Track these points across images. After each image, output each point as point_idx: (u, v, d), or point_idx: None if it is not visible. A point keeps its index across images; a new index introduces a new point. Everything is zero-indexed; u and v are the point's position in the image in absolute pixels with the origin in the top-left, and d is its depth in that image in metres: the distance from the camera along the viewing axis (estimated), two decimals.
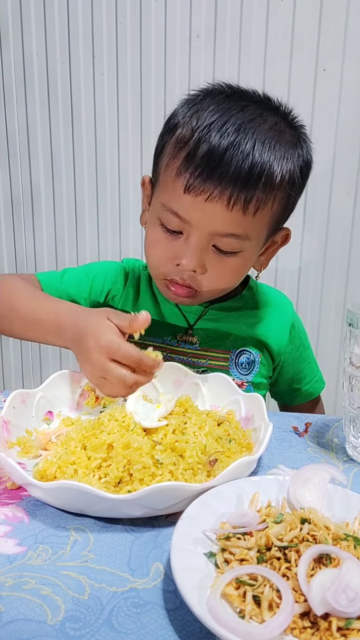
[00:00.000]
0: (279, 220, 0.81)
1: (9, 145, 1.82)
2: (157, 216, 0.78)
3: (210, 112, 0.74)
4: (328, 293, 1.66)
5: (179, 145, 0.74)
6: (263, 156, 0.73)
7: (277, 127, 0.76)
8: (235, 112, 0.74)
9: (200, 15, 1.54)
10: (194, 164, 0.72)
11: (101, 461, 0.55)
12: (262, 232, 0.79)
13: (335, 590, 0.40)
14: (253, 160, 0.72)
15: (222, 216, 0.73)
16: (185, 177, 0.73)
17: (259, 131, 0.74)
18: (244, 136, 0.72)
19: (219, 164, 0.71)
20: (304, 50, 1.49)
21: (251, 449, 0.62)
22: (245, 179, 0.71)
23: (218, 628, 0.38)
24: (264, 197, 0.74)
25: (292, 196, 0.79)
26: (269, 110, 0.78)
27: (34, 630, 0.40)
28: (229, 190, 0.71)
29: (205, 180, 0.71)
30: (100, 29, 1.62)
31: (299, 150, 0.78)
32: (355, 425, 0.65)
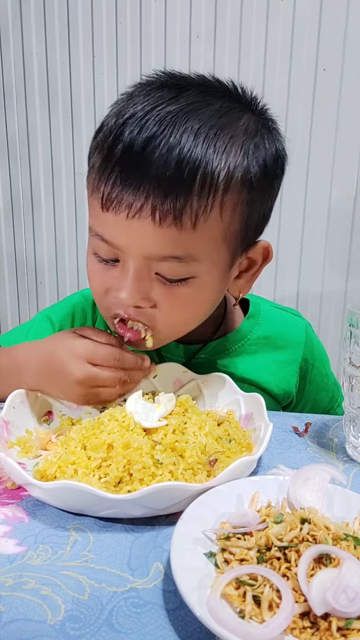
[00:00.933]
0: (241, 233, 0.63)
1: (9, 145, 1.82)
2: (90, 244, 0.64)
3: (134, 105, 0.58)
4: (328, 293, 1.66)
5: (95, 152, 0.60)
6: (195, 149, 0.55)
7: (225, 114, 0.59)
8: (167, 100, 0.58)
9: (200, 15, 1.54)
10: (107, 172, 0.57)
11: (101, 461, 0.55)
12: (214, 249, 0.61)
13: (335, 590, 0.40)
14: (181, 155, 0.55)
15: (151, 235, 0.57)
16: (100, 190, 0.57)
17: (194, 120, 0.56)
18: (170, 127, 0.55)
19: (137, 166, 0.55)
20: (304, 50, 1.50)
21: (251, 449, 0.62)
22: (171, 181, 0.55)
23: (218, 628, 0.38)
24: (202, 203, 0.57)
25: (252, 200, 0.61)
26: (217, 96, 0.61)
27: (34, 630, 0.40)
28: (151, 199, 0.55)
29: (122, 191, 0.56)
30: (100, 29, 1.63)
31: (257, 140, 0.61)
32: (355, 425, 0.65)
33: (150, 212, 0.56)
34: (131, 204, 0.56)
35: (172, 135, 0.55)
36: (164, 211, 0.55)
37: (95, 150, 0.61)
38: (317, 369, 0.85)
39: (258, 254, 0.68)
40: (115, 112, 0.60)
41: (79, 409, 0.73)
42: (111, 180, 0.56)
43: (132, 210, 0.56)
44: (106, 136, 0.58)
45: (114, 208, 0.57)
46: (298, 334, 0.83)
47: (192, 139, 0.55)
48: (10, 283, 1.96)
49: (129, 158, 0.55)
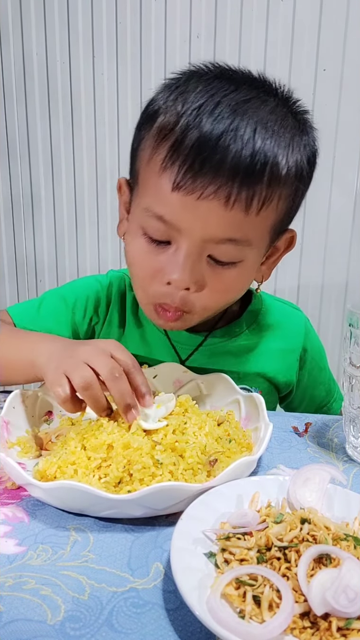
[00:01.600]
0: (283, 222, 0.68)
1: (9, 145, 1.82)
2: (140, 225, 0.66)
3: (198, 93, 0.62)
4: (328, 293, 1.66)
5: (161, 135, 0.62)
6: (267, 143, 0.60)
7: (278, 111, 0.64)
8: (228, 92, 0.62)
9: (200, 15, 1.54)
10: (182, 155, 0.59)
11: (101, 461, 0.55)
12: (264, 236, 0.66)
13: (335, 590, 0.40)
14: (255, 148, 0.60)
15: (219, 217, 0.61)
16: (172, 172, 0.60)
17: (259, 114, 0.61)
18: (241, 119, 0.60)
19: (213, 154, 0.59)
20: (304, 50, 1.50)
21: (251, 449, 0.62)
22: (246, 171, 0.59)
23: (218, 628, 0.38)
24: (269, 193, 0.62)
25: (299, 192, 0.68)
26: (266, 91, 0.65)
27: (34, 630, 0.40)
28: (228, 185, 0.59)
29: (197, 174, 0.59)
30: (100, 29, 1.63)
31: (304, 137, 0.67)
32: (355, 425, 0.65)
33: (225, 196, 0.60)
34: (205, 188, 0.59)
35: (245, 128, 0.60)
36: (236, 196, 0.60)
37: (157, 132, 0.63)
38: (315, 361, 0.87)
39: (282, 242, 0.73)
40: (175, 97, 0.63)
41: None
42: (186, 164, 0.59)
43: (206, 193, 0.59)
44: (174, 121, 0.61)
45: (187, 189, 0.60)
46: (298, 324, 0.86)
47: (262, 132, 0.60)
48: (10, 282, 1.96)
49: (206, 145, 0.59)
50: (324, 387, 0.90)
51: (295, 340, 0.84)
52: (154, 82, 1.60)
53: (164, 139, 0.62)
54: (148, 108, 0.67)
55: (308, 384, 0.87)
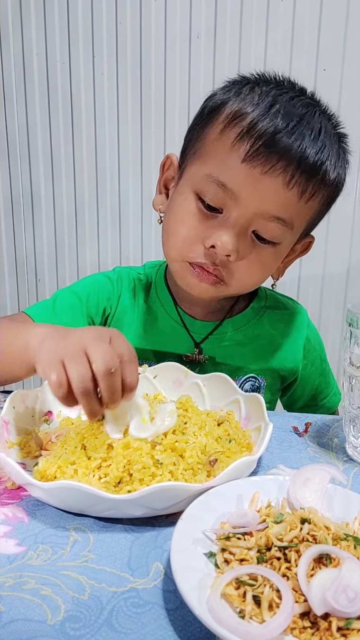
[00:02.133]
0: (314, 222, 0.77)
1: (9, 145, 1.82)
2: (195, 189, 0.71)
3: (269, 89, 0.70)
4: (328, 293, 1.66)
5: (236, 117, 0.69)
6: (326, 148, 0.69)
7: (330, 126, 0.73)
8: (297, 94, 0.71)
9: (200, 16, 1.54)
10: (257, 134, 0.66)
11: (101, 461, 0.55)
12: (302, 226, 0.74)
13: (335, 590, 0.40)
14: (318, 147, 0.68)
15: (277, 194, 0.68)
16: (248, 145, 0.67)
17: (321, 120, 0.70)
18: (310, 120, 0.69)
19: (284, 139, 0.66)
20: (304, 50, 1.50)
21: (251, 449, 0.62)
22: (309, 163, 0.67)
23: (218, 628, 0.38)
24: (319, 188, 0.70)
25: (333, 200, 0.76)
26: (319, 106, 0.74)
27: (34, 630, 0.40)
28: (292, 168, 0.67)
29: (268, 152, 0.66)
30: (100, 29, 1.63)
31: (345, 157, 0.76)
32: (355, 425, 0.65)
33: (288, 176, 0.67)
34: (273, 164, 0.66)
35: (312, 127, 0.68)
36: (297, 179, 0.68)
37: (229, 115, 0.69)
38: (317, 352, 0.92)
39: (300, 245, 0.81)
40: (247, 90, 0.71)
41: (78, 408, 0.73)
42: (261, 141, 0.66)
43: (272, 170, 0.67)
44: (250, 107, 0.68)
45: (255, 163, 0.67)
46: (301, 315, 0.91)
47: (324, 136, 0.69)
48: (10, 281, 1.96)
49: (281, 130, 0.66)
50: (325, 378, 0.93)
51: (299, 330, 0.88)
52: (154, 82, 1.61)
53: (239, 119, 0.68)
54: (212, 99, 0.74)
55: (310, 373, 0.90)
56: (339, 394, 0.95)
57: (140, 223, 1.74)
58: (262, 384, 0.85)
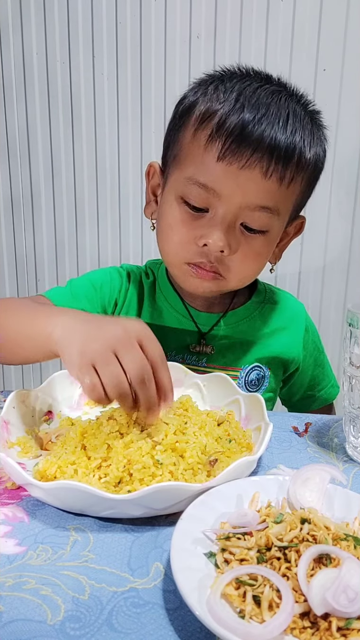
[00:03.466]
0: (301, 204, 0.79)
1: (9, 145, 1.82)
2: (179, 194, 0.73)
3: (235, 84, 0.72)
4: (328, 293, 1.66)
5: (205, 117, 0.71)
6: (297, 131, 0.71)
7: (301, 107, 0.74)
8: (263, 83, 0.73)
9: (200, 16, 1.54)
10: (227, 132, 0.68)
11: (101, 461, 0.55)
12: (288, 210, 0.76)
13: (335, 590, 0.40)
14: (288, 133, 0.70)
15: (257, 185, 0.70)
16: (219, 144, 0.69)
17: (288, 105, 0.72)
18: (276, 107, 0.70)
19: (254, 132, 0.68)
20: (304, 50, 1.50)
21: (251, 449, 0.62)
22: (282, 150, 0.69)
23: (218, 628, 0.38)
24: (298, 171, 0.72)
25: (315, 180, 0.78)
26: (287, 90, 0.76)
27: (34, 630, 0.40)
28: (265, 159, 0.69)
29: (240, 148, 0.68)
30: (100, 29, 1.62)
31: (319, 134, 0.76)
32: (355, 425, 0.65)
33: (264, 167, 0.69)
34: (247, 158, 0.68)
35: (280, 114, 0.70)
36: (274, 168, 0.69)
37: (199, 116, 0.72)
38: (315, 343, 0.94)
39: (293, 227, 0.82)
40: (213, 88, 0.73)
41: (78, 408, 0.73)
42: (232, 138, 0.68)
43: (249, 163, 0.68)
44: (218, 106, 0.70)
45: (230, 160, 0.68)
46: (300, 308, 0.94)
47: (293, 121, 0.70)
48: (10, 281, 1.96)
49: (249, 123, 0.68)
50: (321, 369, 0.96)
51: (298, 321, 0.91)
52: (154, 82, 1.61)
53: (208, 119, 0.70)
54: (184, 101, 0.76)
55: (308, 364, 0.93)
56: (337, 387, 0.97)
57: (140, 223, 1.74)
58: (266, 374, 0.88)
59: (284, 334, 0.89)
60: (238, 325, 0.88)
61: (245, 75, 0.75)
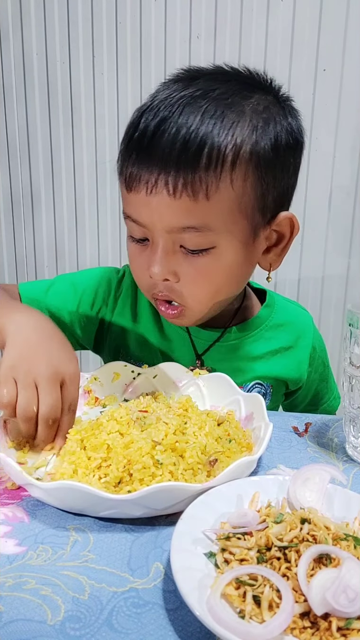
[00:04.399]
0: (257, 204, 0.66)
1: (9, 145, 1.82)
2: (127, 231, 0.71)
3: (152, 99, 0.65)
4: (328, 293, 1.66)
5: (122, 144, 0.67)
6: (201, 127, 0.60)
7: (233, 94, 0.64)
8: (179, 90, 0.63)
9: (200, 16, 1.54)
10: (127, 156, 0.64)
11: (101, 461, 0.55)
12: (230, 219, 0.65)
13: (335, 590, 0.40)
14: (187, 133, 0.60)
15: (169, 207, 0.62)
16: (123, 173, 0.65)
17: (201, 102, 0.62)
18: (178, 111, 0.61)
19: (149, 147, 0.61)
20: (304, 50, 1.50)
21: (251, 449, 0.62)
22: (179, 157, 0.60)
23: (218, 628, 0.38)
24: (212, 175, 0.61)
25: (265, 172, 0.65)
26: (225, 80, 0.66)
27: (34, 630, 0.40)
28: (164, 174, 0.61)
29: (140, 171, 0.62)
30: (100, 29, 1.63)
31: (265, 115, 0.64)
32: (355, 425, 0.65)
33: (164, 186, 0.61)
34: (147, 181, 0.62)
35: (180, 117, 0.61)
36: (177, 184, 0.61)
37: (122, 143, 0.67)
38: (322, 359, 0.90)
39: (284, 227, 0.72)
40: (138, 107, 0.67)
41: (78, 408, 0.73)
42: (130, 163, 0.63)
43: (149, 186, 0.62)
44: (128, 127, 0.65)
45: (135, 187, 0.64)
46: (308, 323, 0.89)
47: (198, 118, 0.61)
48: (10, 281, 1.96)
49: (144, 141, 0.62)
50: (326, 384, 0.93)
51: (306, 338, 0.87)
52: (154, 82, 1.61)
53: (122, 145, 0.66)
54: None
55: (313, 380, 0.90)
56: (339, 398, 0.95)
57: None
58: (268, 391, 0.84)
59: (289, 355, 0.85)
60: (240, 342, 0.82)
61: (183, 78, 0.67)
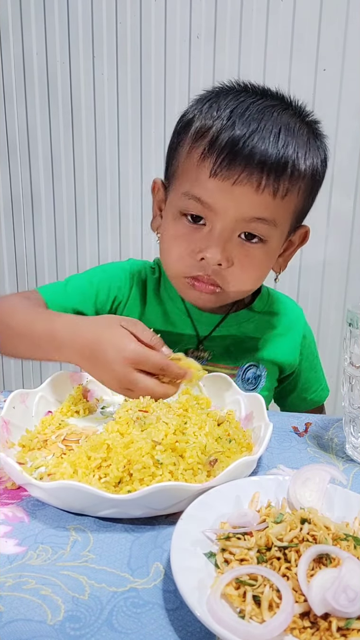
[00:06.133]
0: (301, 214, 0.80)
1: (9, 145, 1.82)
2: (178, 209, 0.76)
3: (229, 101, 0.74)
4: (328, 293, 1.66)
5: (199, 134, 0.73)
6: (289, 144, 0.72)
7: (295, 119, 0.76)
8: (254, 100, 0.74)
9: (200, 16, 1.54)
10: (219, 149, 0.70)
11: (101, 461, 0.55)
12: (287, 221, 0.77)
13: (335, 590, 0.40)
14: (280, 146, 0.71)
15: (251, 199, 0.71)
16: (211, 161, 0.71)
17: (282, 118, 0.73)
18: (267, 121, 0.72)
19: (245, 148, 0.70)
20: (304, 50, 1.50)
21: (251, 449, 0.62)
22: (273, 164, 0.70)
23: (218, 628, 0.38)
24: (292, 184, 0.73)
25: (314, 190, 0.79)
26: (284, 102, 0.78)
27: (34, 630, 0.40)
28: (257, 174, 0.70)
29: (232, 164, 0.70)
30: (100, 29, 1.63)
31: (318, 143, 0.78)
32: (355, 425, 0.65)
33: (256, 182, 0.70)
34: (239, 175, 0.70)
35: (271, 128, 0.71)
36: (266, 182, 0.71)
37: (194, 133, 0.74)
38: (311, 348, 0.97)
39: (297, 237, 0.84)
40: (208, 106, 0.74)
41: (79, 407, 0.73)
42: (223, 155, 0.70)
43: (240, 179, 0.70)
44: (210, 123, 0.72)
45: (223, 176, 0.71)
46: (298, 312, 0.97)
47: (285, 134, 0.72)
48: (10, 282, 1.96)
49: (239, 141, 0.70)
50: (315, 373, 0.99)
51: (297, 326, 0.94)
52: (154, 82, 1.61)
53: (202, 137, 0.72)
54: (183, 118, 0.78)
55: (303, 368, 0.96)
56: (327, 390, 1.01)
57: (140, 223, 1.74)
58: (263, 373, 0.89)
59: (282, 340, 0.91)
60: (238, 327, 0.89)
61: (242, 90, 0.77)
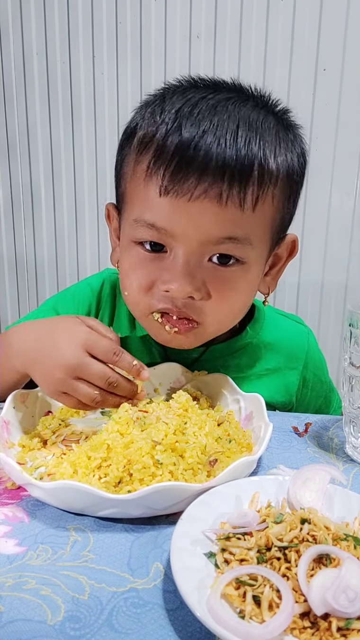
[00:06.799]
0: (281, 223, 0.66)
1: (9, 145, 1.82)
2: (131, 239, 0.64)
3: (174, 101, 0.61)
4: (328, 293, 1.66)
5: (143, 145, 0.61)
6: (252, 140, 0.58)
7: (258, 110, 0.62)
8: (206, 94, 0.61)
9: (200, 15, 1.54)
10: (166, 160, 0.58)
11: (101, 461, 0.55)
12: (264, 235, 0.63)
13: (335, 590, 0.40)
14: (240, 145, 0.58)
15: (214, 216, 0.58)
16: (158, 177, 0.58)
17: (241, 112, 0.60)
18: (222, 117, 0.58)
19: (197, 154, 0.57)
20: (304, 50, 1.50)
21: (251, 449, 0.62)
22: (234, 168, 0.57)
23: (218, 628, 0.38)
24: (262, 189, 0.60)
25: (294, 191, 0.66)
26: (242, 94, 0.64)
27: (34, 630, 0.40)
28: (216, 183, 0.57)
29: (184, 176, 0.57)
30: (100, 29, 1.63)
31: (291, 137, 0.65)
32: (355, 425, 0.65)
33: (216, 194, 0.57)
34: (195, 188, 0.57)
35: (227, 125, 0.58)
36: (229, 193, 0.58)
37: (137, 145, 0.62)
38: (317, 376, 0.85)
39: (284, 249, 0.71)
40: (152, 111, 0.62)
41: None
42: (172, 168, 0.57)
43: (197, 193, 0.57)
44: (153, 130, 0.60)
45: (175, 192, 0.58)
46: (301, 342, 0.83)
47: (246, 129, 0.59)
48: (10, 281, 1.97)
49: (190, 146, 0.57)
50: (326, 399, 0.88)
51: (297, 358, 0.81)
52: (154, 82, 1.61)
53: (146, 148, 0.60)
54: (127, 128, 0.66)
55: (311, 398, 0.85)
56: (339, 409, 0.86)
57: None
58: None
59: (276, 377, 0.79)
60: (222, 363, 0.76)
61: (190, 87, 0.64)
